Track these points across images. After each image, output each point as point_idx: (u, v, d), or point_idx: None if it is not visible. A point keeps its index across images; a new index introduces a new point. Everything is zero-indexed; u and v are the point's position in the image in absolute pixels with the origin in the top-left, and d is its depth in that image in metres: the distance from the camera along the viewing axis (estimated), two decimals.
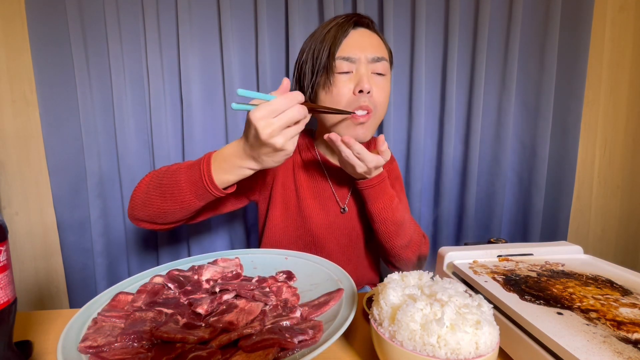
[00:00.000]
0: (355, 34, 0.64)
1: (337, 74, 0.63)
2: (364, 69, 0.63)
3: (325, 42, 0.63)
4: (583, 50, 1.03)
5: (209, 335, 0.37)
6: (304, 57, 0.67)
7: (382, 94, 0.65)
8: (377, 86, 0.64)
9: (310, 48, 0.66)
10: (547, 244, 0.58)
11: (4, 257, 0.35)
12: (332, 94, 0.64)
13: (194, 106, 1.00)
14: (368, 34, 0.65)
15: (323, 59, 0.63)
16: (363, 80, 0.62)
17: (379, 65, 0.64)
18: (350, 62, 0.62)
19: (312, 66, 0.65)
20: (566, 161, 1.09)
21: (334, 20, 0.66)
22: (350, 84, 0.63)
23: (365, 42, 0.64)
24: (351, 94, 0.63)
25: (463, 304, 0.34)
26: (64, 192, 0.99)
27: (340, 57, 0.62)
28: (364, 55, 0.63)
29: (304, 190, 0.74)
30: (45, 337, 0.45)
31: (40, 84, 0.94)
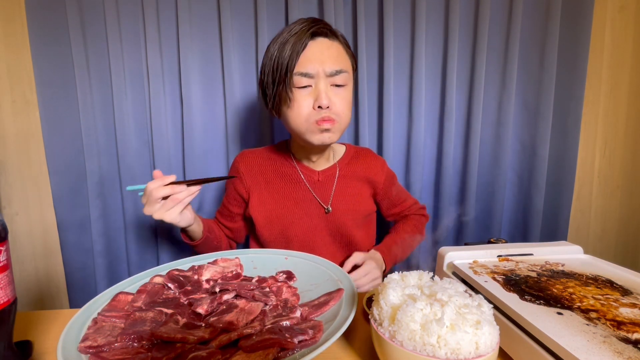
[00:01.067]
0: (313, 45, 0.63)
1: (296, 89, 0.63)
2: (322, 83, 0.63)
3: (283, 55, 0.62)
4: (583, 50, 1.03)
5: (209, 335, 0.37)
6: (264, 65, 0.67)
7: (342, 104, 0.66)
8: (337, 98, 0.65)
9: (271, 58, 0.65)
10: (547, 244, 0.58)
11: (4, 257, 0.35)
12: (293, 108, 0.65)
13: (194, 106, 1.00)
14: (327, 45, 0.64)
15: (282, 73, 0.62)
16: (321, 96, 0.62)
17: (338, 77, 0.64)
18: (309, 77, 0.63)
19: (272, 78, 0.65)
20: (566, 161, 1.09)
21: (294, 26, 0.64)
22: (310, 99, 0.64)
23: (324, 55, 0.63)
24: (311, 109, 0.64)
25: (463, 304, 0.34)
26: (64, 192, 0.99)
27: (298, 73, 0.62)
28: (322, 69, 0.62)
29: (283, 200, 0.77)
30: (45, 337, 0.45)
31: (40, 84, 0.94)
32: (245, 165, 0.79)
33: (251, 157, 0.80)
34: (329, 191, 0.78)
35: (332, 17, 0.98)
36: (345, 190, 0.79)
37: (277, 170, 0.78)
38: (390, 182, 0.86)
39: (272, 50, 0.65)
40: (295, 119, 0.66)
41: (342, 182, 0.79)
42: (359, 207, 0.80)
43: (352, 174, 0.80)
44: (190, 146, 1.01)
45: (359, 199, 0.80)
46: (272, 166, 0.79)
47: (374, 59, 1.06)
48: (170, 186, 0.58)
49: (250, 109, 1.05)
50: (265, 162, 0.79)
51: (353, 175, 0.80)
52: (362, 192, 0.81)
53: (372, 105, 1.08)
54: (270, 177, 0.78)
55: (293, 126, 0.67)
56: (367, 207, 0.82)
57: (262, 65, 0.68)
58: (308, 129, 0.65)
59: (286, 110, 0.66)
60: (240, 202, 0.80)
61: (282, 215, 0.76)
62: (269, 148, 0.82)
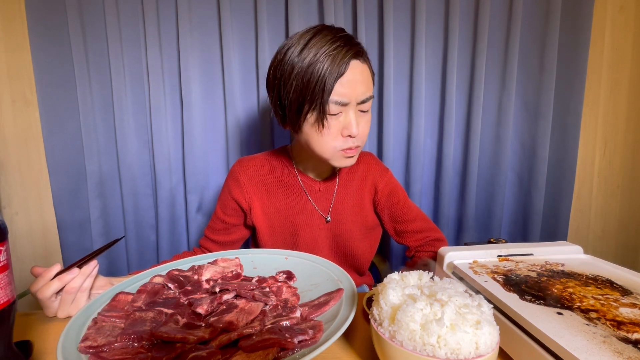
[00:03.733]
0: (349, 71, 0.59)
1: (329, 116, 0.61)
2: (352, 112, 0.61)
3: (317, 78, 0.57)
4: (583, 50, 1.03)
5: (209, 335, 0.37)
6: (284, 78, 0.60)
7: (366, 129, 0.65)
8: (362, 123, 0.64)
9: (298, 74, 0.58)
10: (547, 244, 0.58)
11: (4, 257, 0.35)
12: (323, 134, 0.62)
13: (194, 106, 1.00)
14: (360, 70, 0.61)
15: (314, 97, 0.58)
16: (352, 125, 0.61)
17: (366, 104, 0.63)
18: (343, 106, 0.60)
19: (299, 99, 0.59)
20: (566, 161, 1.09)
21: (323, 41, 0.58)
22: (338, 125, 0.62)
23: (357, 82, 0.60)
24: (340, 136, 0.62)
25: (463, 304, 0.33)
26: (64, 192, 0.99)
27: (334, 102, 0.59)
28: (354, 97, 0.60)
29: (283, 209, 0.75)
30: (45, 337, 0.45)
31: (40, 84, 0.94)
32: (245, 174, 0.76)
33: (251, 165, 0.77)
34: (329, 201, 0.76)
35: (332, 17, 0.98)
36: (344, 199, 0.77)
37: (278, 180, 0.76)
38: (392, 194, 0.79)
39: (298, 65, 0.58)
40: (322, 146, 0.63)
41: (341, 191, 0.77)
42: (358, 217, 0.77)
43: (352, 181, 0.78)
44: (190, 146, 1.01)
45: (358, 208, 0.78)
46: (272, 175, 0.76)
47: (374, 59, 1.06)
48: (58, 278, 0.48)
49: (250, 109, 1.05)
50: (266, 170, 0.76)
51: (352, 181, 0.78)
52: (363, 202, 0.78)
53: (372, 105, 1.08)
54: (271, 187, 0.76)
55: (317, 150, 0.64)
56: (368, 219, 0.79)
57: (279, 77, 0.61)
58: (333, 155, 0.64)
59: (313, 134, 0.63)
60: (239, 212, 0.77)
61: (285, 226, 0.75)
62: (269, 154, 0.79)
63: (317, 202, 0.76)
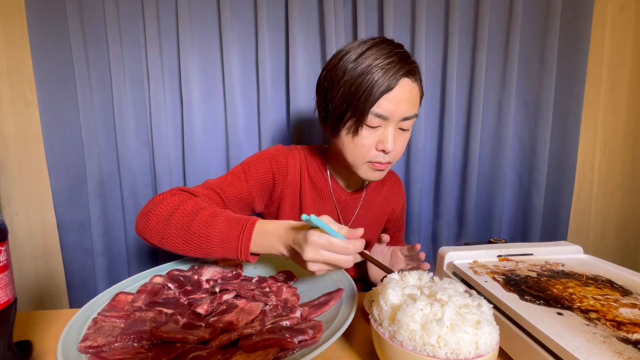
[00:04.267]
0: (398, 88, 0.58)
1: (366, 126, 0.60)
2: (391, 128, 0.60)
3: (365, 88, 0.57)
4: (583, 50, 1.03)
5: (209, 335, 0.37)
6: (335, 82, 0.61)
7: (402, 147, 0.64)
8: (399, 140, 0.62)
9: (348, 81, 0.59)
10: (547, 244, 0.58)
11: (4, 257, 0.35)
12: (355, 142, 0.61)
13: (194, 106, 1.00)
14: (409, 88, 0.59)
15: (357, 105, 0.58)
16: (388, 141, 0.60)
17: (407, 122, 0.61)
18: (383, 119, 0.59)
19: (345, 104, 0.60)
20: (566, 161, 1.09)
21: (379, 54, 0.58)
22: (374, 137, 0.61)
23: (403, 100, 0.59)
24: (373, 148, 0.61)
25: (463, 304, 0.34)
26: (64, 192, 0.99)
27: (374, 113, 0.58)
28: (398, 114, 0.59)
29: (309, 210, 0.73)
30: (45, 337, 0.45)
31: (40, 84, 0.93)
32: (292, 163, 0.72)
33: (297, 155, 0.73)
34: (351, 213, 0.76)
35: (332, 17, 0.98)
36: (366, 214, 0.78)
37: (311, 179, 0.74)
38: (402, 212, 0.86)
39: (350, 73, 0.58)
40: (354, 154, 0.63)
41: (365, 206, 0.77)
42: (373, 233, 0.80)
43: (376, 197, 0.79)
44: (190, 146, 1.01)
45: (376, 225, 0.80)
46: (308, 172, 0.74)
47: None
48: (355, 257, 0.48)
49: (250, 109, 1.05)
50: (304, 165, 0.74)
51: (376, 198, 0.79)
52: (381, 220, 0.82)
53: None
54: (305, 183, 0.73)
55: (349, 158, 0.64)
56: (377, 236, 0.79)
57: (330, 81, 0.62)
58: (362, 166, 0.64)
59: (347, 140, 0.62)
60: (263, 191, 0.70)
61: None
62: (306, 151, 0.76)
63: (341, 212, 0.76)
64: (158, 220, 0.55)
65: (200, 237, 0.51)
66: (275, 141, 1.06)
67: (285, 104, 1.05)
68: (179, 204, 0.55)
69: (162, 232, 0.54)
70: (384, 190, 0.81)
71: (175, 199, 0.57)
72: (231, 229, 0.51)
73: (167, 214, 0.54)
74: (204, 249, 0.52)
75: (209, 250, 0.51)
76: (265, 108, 1.02)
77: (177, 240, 0.53)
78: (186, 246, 0.53)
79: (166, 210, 0.55)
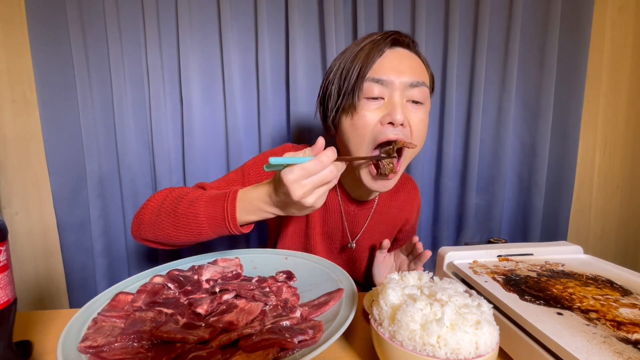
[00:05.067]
0: (391, 53, 0.54)
1: (364, 99, 0.54)
2: (398, 96, 0.53)
3: (357, 60, 0.54)
4: (583, 50, 1.03)
5: (209, 335, 0.37)
6: (330, 77, 0.59)
7: (419, 126, 0.55)
8: (413, 116, 0.54)
9: (339, 67, 0.57)
10: (547, 244, 0.58)
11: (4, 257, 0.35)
12: (354, 121, 0.55)
13: (194, 106, 1.00)
14: (407, 55, 0.55)
15: (352, 79, 0.54)
16: (396, 109, 0.52)
17: (417, 91, 0.54)
18: (383, 86, 0.53)
19: (339, 87, 0.56)
20: (566, 161, 1.09)
21: (368, 37, 0.57)
22: (378, 113, 0.53)
23: (404, 64, 0.54)
24: (378, 125, 0.53)
25: (463, 304, 0.34)
26: (64, 192, 0.99)
27: (370, 79, 0.53)
28: (399, 79, 0.53)
29: (314, 218, 0.69)
30: (45, 337, 0.45)
31: (40, 84, 0.94)
32: None
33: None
34: (360, 226, 0.70)
35: (332, 17, 0.98)
36: (375, 227, 0.72)
37: None
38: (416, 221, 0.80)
39: (341, 60, 0.57)
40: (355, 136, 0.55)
41: (376, 217, 0.71)
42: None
43: (389, 209, 0.72)
44: (190, 146, 1.01)
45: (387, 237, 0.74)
46: None
47: None
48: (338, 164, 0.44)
49: (250, 109, 1.05)
50: None
51: (390, 209, 0.72)
52: (390, 233, 0.75)
53: None
54: None
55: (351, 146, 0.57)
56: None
57: (325, 80, 0.60)
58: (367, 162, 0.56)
59: (347, 123, 0.56)
60: None
61: (309, 235, 0.70)
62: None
63: (348, 224, 0.70)
64: (151, 213, 0.55)
65: (188, 217, 0.51)
66: (275, 141, 1.06)
67: (285, 104, 1.05)
68: (167, 195, 0.56)
69: (154, 224, 0.55)
70: (399, 200, 0.73)
71: (163, 192, 0.58)
72: (215, 203, 0.49)
73: (157, 206, 0.55)
74: (194, 229, 0.51)
75: (199, 229, 0.50)
76: (265, 108, 1.02)
77: (168, 227, 0.53)
78: (177, 231, 0.52)
79: (156, 203, 0.56)
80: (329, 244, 0.72)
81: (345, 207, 0.69)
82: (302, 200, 0.44)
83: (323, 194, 0.46)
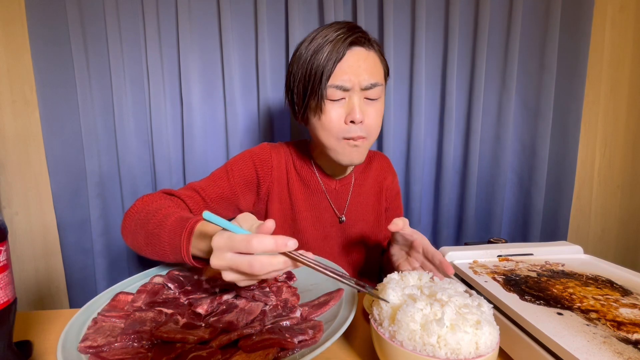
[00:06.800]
0: (350, 56, 0.59)
1: (328, 101, 0.60)
2: (356, 97, 0.60)
3: (318, 64, 0.59)
4: (583, 50, 1.03)
5: (209, 335, 0.37)
6: (294, 70, 0.63)
7: (375, 119, 0.63)
8: (369, 112, 0.62)
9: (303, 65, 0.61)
10: (547, 244, 0.58)
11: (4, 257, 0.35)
12: (322, 121, 0.61)
13: (194, 106, 1.00)
14: (364, 55, 0.60)
15: (314, 83, 0.59)
16: (355, 110, 0.59)
17: (372, 91, 0.61)
18: (344, 91, 0.59)
19: (304, 87, 0.61)
20: (566, 161, 1.09)
21: (329, 32, 0.60)
22: (341, 111, 0.61)
23: (360, 67, 0.59)
24: (342, 123, 0.61)
25: (463, 304, 0.34)
26: (64, 192, 0.99)
27: (333, 86, 0.59)
28: (357, 82, 0.59)
29: (299, 203, 0.73)
30: (45, 337, 0.45)
31: (40, 84, 0.94)
32: (277, 158, 0.72)
33: (281, 152, 0.74)
34: (344, 200, 0.75)
35: (332, 17, 0.98)
36: (358, 198, 0.76)
37: (298, 173, 0.74)
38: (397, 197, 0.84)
39: (304, 56, 0.61)
40: (324, 133, 0.62)
41: (356, 190, 0.77)
42: (372, 217, 0.78)
43: (365, 180, 0.78)
44: (190, 146, 1.01)
45: (372, 209, 0.78)
46: (295, 166, 0.74)
47: None
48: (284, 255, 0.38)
49: (250, 109, 1.05)
50: (290, 159, 0.74)
51: (366, 181, 0.78)
52: (376, 202, 0.79)
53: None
54: (292, 177, 0.73)
55: (321, 139, 0.64)
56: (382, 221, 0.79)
57: (291, 71, 0.64)
58: (338, 145, 0.63)
59: (315, 121, 0.63)
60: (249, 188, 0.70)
61: (297, 220, 0.72)
62: (290, 146, 0.76)
63: (333, 200, 0.75)
64: (130, 220, 0.55)
65: (154, 236, 0.50)
66: (276, 141, 1.06)
67: (285, 103, 1.06)
68: (148, 204, 0.56)
69: (133, 233, 0.54)
70: (372, 170, 0.80)
71: (147, 199, 0.58)
72: (175, 232, 0.46)
73: (136, 214, 0.55)
74: (158, 251, 0.49)
75: (162, 252, 0.49)
76: (265, 108, 1.02)
77: (141, 241, 0.52)
78: (147, 247, 0.51)
79: (136, 210, 0.56)
80: (320, 227, 0.74)
81: (326, 187, 0.74)
82: (222, 272, 0.39)
83: (240, 280, 0.39)
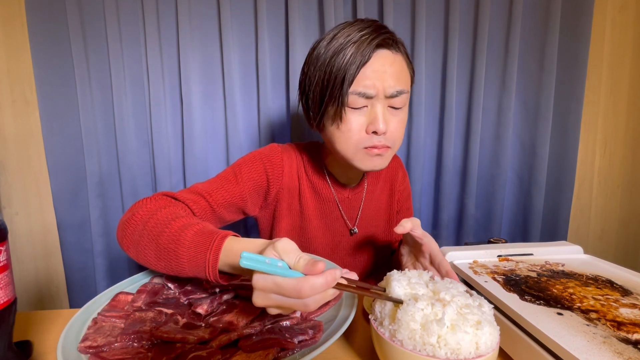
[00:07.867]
0: (375, 60, 0.53)
1: (349, 109, 0.55)
2: (380, 106, 0.54)
3: (339, 67, 0.53)
4: (583, 50, 1.03)
5: (209, 335, 0.37)
6: (310, 72, 0.57)
7: (399, 128, 0.58)
8: (392, 122, 0.56)
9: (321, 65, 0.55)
10: (547, 244, 0.58)
11: (4, 257, 0.35)
12: (342, 130, 0.56)
13: (194, 106, 1.00)
14: (390, 60, 0.54)
15: (335, 89, 0.53)
16: (378, 120, 0.54)
17: (397, 99, 0.55)
18: (367, 98, 0.54)
19: (321, 91, 0.56)
20: (566, 161, 1.09)
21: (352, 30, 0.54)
22: (363, 120, 0.55)
23: (386, 73, 0.54)
24: (363, 132, 0.56)
25: (464, 304, 0.34)
26: (64, 192, 0.99)
27: (354, 92, 0.53)
28: (382, 88, 0.53)
29: (309, 211, 0.69)
30: (45, 337, 0.45)
31: (40, 84, 0.93)
32: (288, 162, 0.67)
33: (293, 155, 0.68)
34: (356, 209, 0.71)
35: (332, 17, 0.98)
36: (370, 205, 0.72)
37: (309, 178, 0.69)
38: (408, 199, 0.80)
39: (323, 56, 0.55)
40: (343, 143, 0.57)
41: (369, 197, 0.72)
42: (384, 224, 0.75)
43: (376, 184, 0.74)
44: (190, 146, 1.01)
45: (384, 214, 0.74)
46: (306, 172, 0.69)
47: None
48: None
49: (250, 109, 1.05)
50: (301, 165, 0.69)
51: (377, 185, 0.74)
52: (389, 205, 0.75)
53: None
54: (304, 184, 0.68)
55: (339, 149, 0.58)
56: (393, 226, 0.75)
57: (307, 73, 0.58)
58: (357, 155, 0.57)
59: (333, 130, 0.57)
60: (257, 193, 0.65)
61: (306, 229, 0.69)
62: (301, 148, 0.71)
63: (344, 210, 0.70)
64: (133, 230, 0.49)
65: (169, 253, 0.45)
66: (276, 141, 1.06)
67: (285, 104, 1.05)
68: (154, 212, 0.49)
69: (137, 244, 0.48)
70: (382, 172, 0.75)
71: (152, 206, 0.51)
72: (198, 249, 0.43)
73: (141, 223, 0.48)
74: (174, 267, 0.45)
75: (179, 268, 0.44)
76: (265, 108, 1.02)
77: (150, 254, 0.47)
78: (158, 262, 0.46)
79: (141, 219, 0.49)
80: (330, 236, 0.71)
81: (338, 195, 0.70)
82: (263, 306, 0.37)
83: (287, 309, 0.38)
